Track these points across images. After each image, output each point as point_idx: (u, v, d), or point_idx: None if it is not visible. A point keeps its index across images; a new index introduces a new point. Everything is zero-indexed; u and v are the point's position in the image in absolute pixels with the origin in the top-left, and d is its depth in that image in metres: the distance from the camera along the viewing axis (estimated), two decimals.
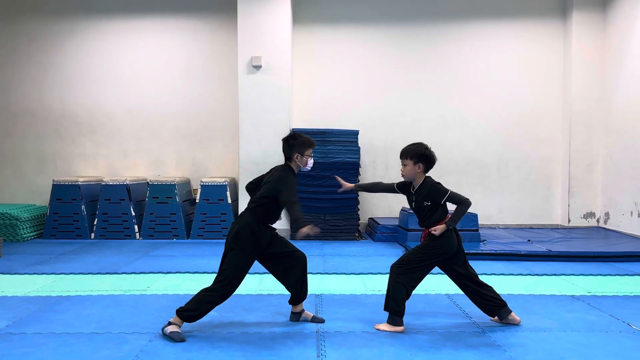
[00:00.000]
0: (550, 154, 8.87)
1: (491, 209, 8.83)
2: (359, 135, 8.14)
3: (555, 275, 5.48)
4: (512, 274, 5.54)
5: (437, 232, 3.65)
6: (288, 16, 8.02)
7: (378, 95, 8.80)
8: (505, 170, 8.86)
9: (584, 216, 8.60)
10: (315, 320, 3.92)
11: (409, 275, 3.71)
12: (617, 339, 3.57)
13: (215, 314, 4.06)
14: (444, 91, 8.81)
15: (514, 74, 8.83)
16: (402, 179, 3.90)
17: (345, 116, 8.69)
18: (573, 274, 5.52)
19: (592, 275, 5.48)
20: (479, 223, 7.45)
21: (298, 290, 3.86)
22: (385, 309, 3.74)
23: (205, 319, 3.94)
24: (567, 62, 8.71)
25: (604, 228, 8.31)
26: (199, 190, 7.91)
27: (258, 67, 7.95)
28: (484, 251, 6.44)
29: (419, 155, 3.74)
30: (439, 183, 3.79)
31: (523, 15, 8.81)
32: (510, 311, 3.85)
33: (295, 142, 3.83)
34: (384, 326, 3.72)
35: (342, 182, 4.12)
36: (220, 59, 8.86)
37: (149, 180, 8.10)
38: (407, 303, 3.73)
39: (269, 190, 3.70)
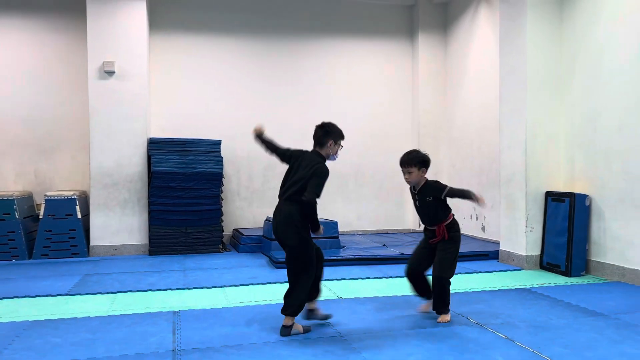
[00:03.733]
0: None
1: (350, 216, 9.23)
2: (221, 145, 8.02)
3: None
4: (369, 278, 5.82)
5: (482, 202, 4.08)
6: (144, 21, 7.68)
7: (241, 105, 8.76)
8: (362, 180, 9.33)
9: None
10: (325, 317, 4.07)
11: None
12: (457, 331, 3.90)
13: (57, 340, 3.71)
14: (305, 103, 9.04)
15: (369, 89, 9.35)
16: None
17: (207, 126, 8.52)
18: None
19: None
20: (339, 230, 7.73)
21: (316, 287, 3.99)
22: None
23: (44, 347, 3.58)
24: (415, 79, 9.45)
25: None
26: (43, 205, 7.20)
27: (111, 73, 7.48)
28: (344, 257, 6.69)
29: (422, 161, 4.10)
30: (438, 181, 4.21)
31: (377, 34, 9.39)
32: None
33: (331, 129, 3.96)
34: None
35: None
36: (68, 62, 8.17)
37: None
38: (265, 312, 3.75)
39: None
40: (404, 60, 9.52)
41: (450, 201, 4.20)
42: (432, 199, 4.11)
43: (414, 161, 4.09)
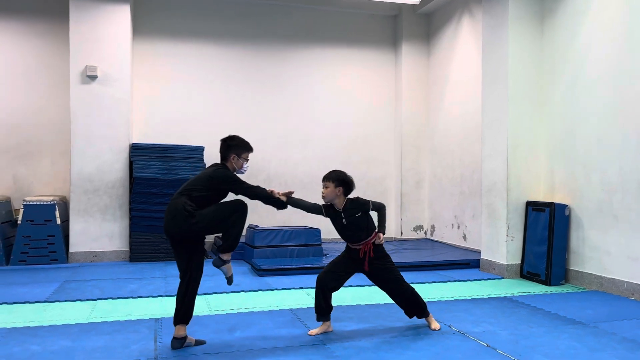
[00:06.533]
0: (384, 173, 9.58)
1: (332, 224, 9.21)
2: (204, 152, 7.98)
3: None
4: (352, 286, 5.81)
5: (381, 240, 4.12)
6: (127, 26, 7.63)
7: (224, 111, 8.73)
8: None
9: (414, 229, 9.42)
10: (198, 343, 3.75)
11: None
12: (440, 339, 3.93)
13: (36, 347, 3.64)
14: (287, 110, 9.05)
15: (352, 98, 9.40)
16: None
17: (190, 132, 8.47)
18: None
19: (420, 282, 5.98)
20: (322, 238, 7.72)
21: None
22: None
23: (23, 354, 3.51)
24: (398, 89, 9.54)
25: (431, 239, 9.17)
26: (21, 211, 7.07)
27: (93, 78, 7.41)
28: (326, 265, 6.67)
29: (339, 180, 4.08)
30: (359, 197, 4.20)
31: (361, 43, 9.46)
32: (429, 314, 4.28)
33: (233, 142, 3.86)
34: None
35: (276, 192, 4.00)
36: (49, 66, 8.06)
37: None
38: (247, 319, 3.74)
39: (213, 182, 3.70)
40: (388, 69, 9.60)
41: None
42: (360, 214, 4.10)
43: (332, 177, 4.09)
